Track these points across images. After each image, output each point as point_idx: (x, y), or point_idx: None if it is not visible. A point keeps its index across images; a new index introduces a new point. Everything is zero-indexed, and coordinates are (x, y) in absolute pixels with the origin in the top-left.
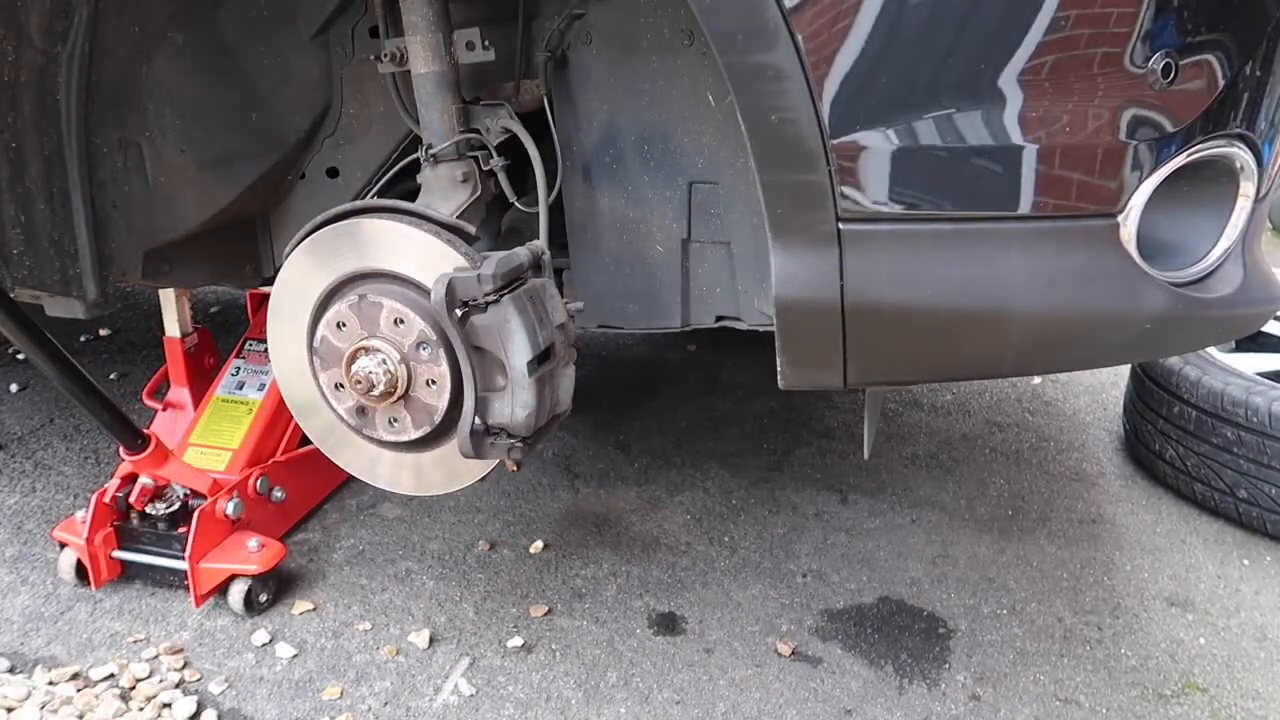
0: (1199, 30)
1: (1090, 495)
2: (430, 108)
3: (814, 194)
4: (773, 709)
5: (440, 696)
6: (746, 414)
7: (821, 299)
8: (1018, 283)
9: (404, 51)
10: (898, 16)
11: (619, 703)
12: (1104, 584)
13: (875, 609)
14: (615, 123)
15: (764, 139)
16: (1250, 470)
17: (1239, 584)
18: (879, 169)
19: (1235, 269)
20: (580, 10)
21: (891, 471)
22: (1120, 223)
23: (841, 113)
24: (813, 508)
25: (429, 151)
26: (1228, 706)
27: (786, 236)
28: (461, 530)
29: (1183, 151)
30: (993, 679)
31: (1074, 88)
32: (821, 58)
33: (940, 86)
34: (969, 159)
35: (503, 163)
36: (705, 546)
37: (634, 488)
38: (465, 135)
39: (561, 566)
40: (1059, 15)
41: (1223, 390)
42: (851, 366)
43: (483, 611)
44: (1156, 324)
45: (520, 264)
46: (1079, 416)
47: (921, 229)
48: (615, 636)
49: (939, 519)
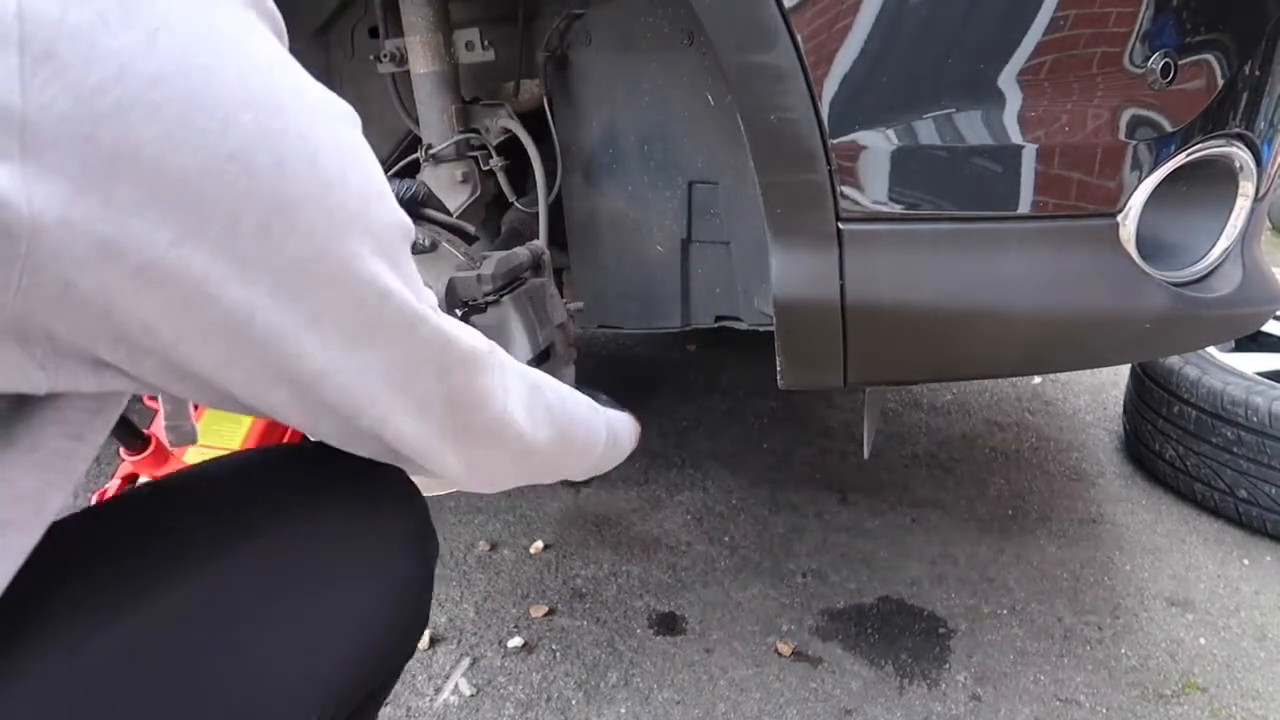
0: (1198, 30)
1: (1090, 495)
2: (430, 107)
3: (814, 194)
4: (773, 709)
5: (441, 696)
6: (746, 414)
7: (821, 299)
8: (1017, 283)
9: (404, 51)
10: (897, 16)
11: (619, 703)
12: (1104, 584)
13: (875, 609)
14: (615, 122)
15: (764, 139)
16: (1250, 470)
17: (1239, 584)
18: (879, 169)
19: (1235, 269)
20: (580, 10)
21: (891, 471)
22: (1120, 222)
23: (841, 112)
24: (813, 508)
25: (429, 151)
26: (1228, 706)
27: (786, 236)
28: (462, 530)
29: (1182, 151)
30: (993, 679)
31: (1073, 87)
32: (821, 57)
33: (940, 86)
34: (969, 159)
35: (502, 162)
36: (705, 546)
37: (634, 488)
38: (465, 135)
39: (562, 566)
40: (1058, 15)
41: (1222, 390)
42: (851, 366)
43: (483, 611)
44: (1156, 324)
45: (520, 264)
46: (1079, 416)
47: (921, 229)
48: (616, 636)
49: (939, 519)
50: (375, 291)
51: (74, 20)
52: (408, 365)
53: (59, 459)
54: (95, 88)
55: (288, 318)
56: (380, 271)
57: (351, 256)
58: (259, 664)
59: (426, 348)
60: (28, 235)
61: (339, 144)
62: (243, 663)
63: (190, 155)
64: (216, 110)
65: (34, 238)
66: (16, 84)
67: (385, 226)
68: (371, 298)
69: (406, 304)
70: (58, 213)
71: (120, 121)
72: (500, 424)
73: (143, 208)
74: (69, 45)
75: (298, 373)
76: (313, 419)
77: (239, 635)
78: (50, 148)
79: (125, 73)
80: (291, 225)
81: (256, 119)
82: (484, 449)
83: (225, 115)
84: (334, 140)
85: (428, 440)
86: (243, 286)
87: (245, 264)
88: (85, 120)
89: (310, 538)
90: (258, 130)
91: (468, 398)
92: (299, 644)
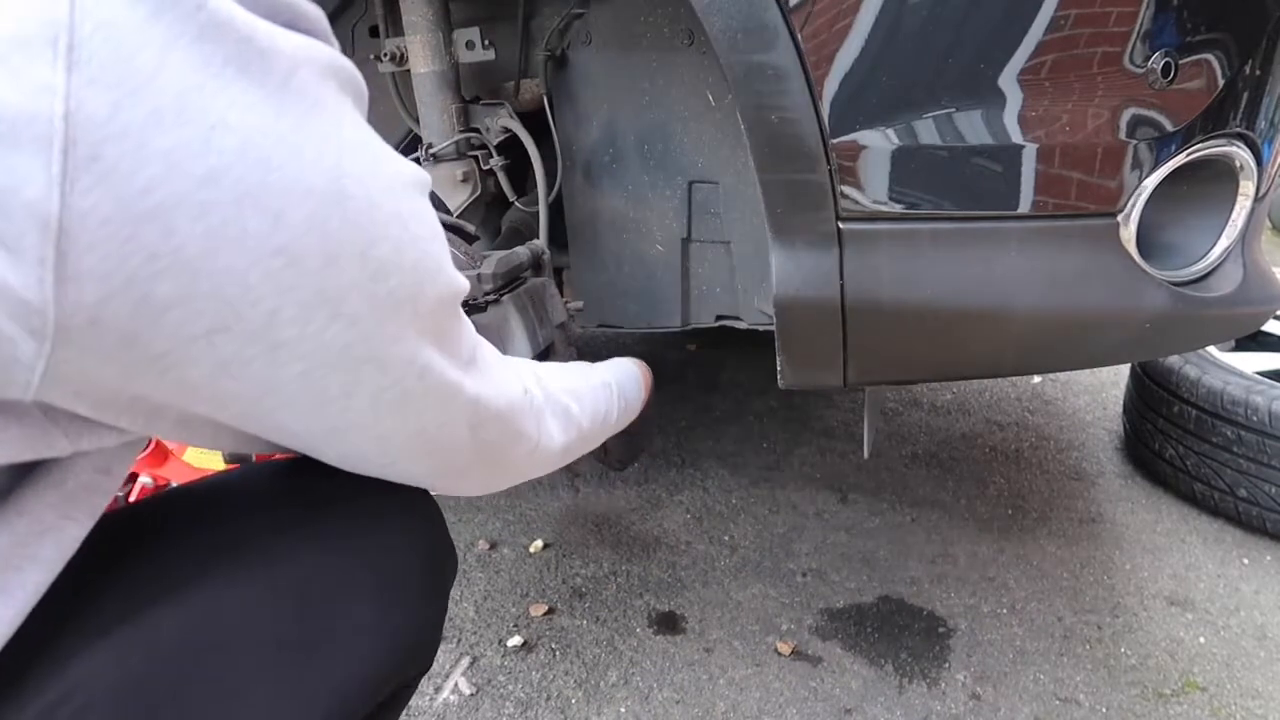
0: (1199, 29)
1: (1090, 494)
2: (430, 107)
3: (814, 193)
4: (773, 708)
5: (440, 695)
6: (746, 413)
7: (821, 298)
8: (1018, 282)
9: (404, 51)
10: (898, 16)
11: (619, 702)
12: (1104, 583)
13: (875, 608)
14: (615, 122)
15: (764, 138)
16: (1250, 469)
17: (1239, 583)
18: (879, 168)
19: (1235, 268)
20: (580, 10)
21: (891, 471)
22: (1120, 222)
23: (841, 112)
24: (813, 507)
25: (429, 151)
26: (1227, 705)
27: (786, 236)
28: (462, 530)
29: (1182, 151)
30: (993, 678)
31: (1074, 87)
32: (821, 57)
33: (940, 86)
34: (969, 158)
35: (502, 162)
36: (705, 546)
37: (634, 487)
38: (465, 134)
39: (562, 566)
40: (1058, 14)
41: (1222, 389)
42: (851, 366)
43: (483, 610)
44: (1156, 323)
45: (520, 263)
46: (1079, 416)
47: (921, 228)
48: (615, 635)
49: (939, 518)
50: (415, 370)
51: (125, 120)
52: (439, 426)
53: (85, 493)
54: (141, 189)
55: (317, 393)
56: (421, 349)
57: (394, 340)
58: (267, 680)
59: (460, 412)
60: (52, 336)
61: (401, 226)
62: (250, 676)
63: (235, 255)
64: (270, 206)
65: (58, 336)
66: (56, 191)
67: (437, 303)
68: (410, 376)
69: (444, 377)
70: (87, 315)
71: (164, 221)
72: (527, 460)
73: (179, 304)
74: (116, 146)
75: (318, 429)
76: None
77: (247, 649)
78: (87, 252)
79: (174, 172)
80: (334, 315)
81: (313, 212)
82: (505, 476)
83: (279, 210)
84: (396, 224)
85: (443, 478)
86: (270, 367)
87: (278, 348)
88: (127, 222)
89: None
90: (310, 225)
91: (498, 449)
92: (307, 659)
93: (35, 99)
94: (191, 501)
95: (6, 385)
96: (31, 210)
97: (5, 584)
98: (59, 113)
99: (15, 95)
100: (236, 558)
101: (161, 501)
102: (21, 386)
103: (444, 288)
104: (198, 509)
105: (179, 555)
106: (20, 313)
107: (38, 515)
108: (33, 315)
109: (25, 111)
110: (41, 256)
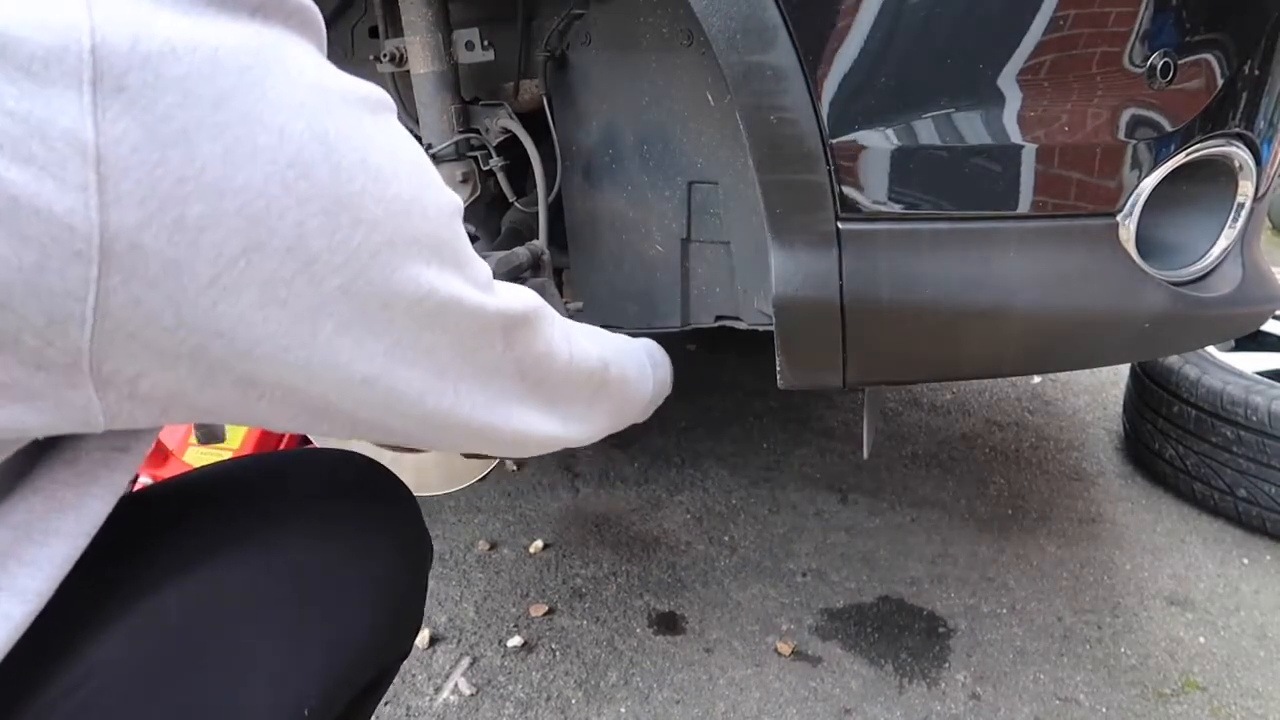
0: (1198, 29)
1: (1090, 494)
2: (429, 108)
3: (813, 194)
4: (773, 708)
5: (440, 695)
6: (746, 414)
7: (821, 298)
8: (1017, 282)
9: (403, 51)
10: (897, 16)
11: (619, 702)
12: (1103, 583)
13: (875, 608)
14: (615, 122)
15: (763, 139)
16: (1250, 469)
17: (1239, 583)
18: (878, 168)
19: (1234, 268)
20: (580, 10)
21: (891, 471)
22: (1119, 222)
23: (841, 112)
24: (813, 507)
25: (428, 151)
26: (1227, 705)
27: (786, 236)
28: (461, 530)
29: (1182, 151)
30: (992, 678)
31: (1073, 87)
32: (821, 57)
33: (939, 86)
34: (968, 158)
35: (502, 163)
36: (705, 546)
37: (634, 488)
38: (465, 135)
39: (561, 566)
40: (1058, 14)
41: (1222, 389)
42: (851, 366)
43: (483, 611)
44: (1156, 323)
45: (520, 264)
46: (1078, 416)
47: (921, 228)
48: (615, 636)
49: (939, 518)
50: (441, 278)
51: (144, 52)
52: (475, 336)
53: (102, 470)
54: (162, 115)
55: (359, 309)
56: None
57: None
58: (250, 660)
59: (492, 321)
60: (98, 261)
61: (386, 136)
62: (233, 659)
63: (252, 171)
64: (273, 122)
65: (104, 262)
66: (90, 119)
67: (438, 211)
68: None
69: (464, 289)
70: (129, 240)
71: (186, 145)
72: (569, 373)
73: (212, 225)
74: (138, 76)
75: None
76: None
77: (229, 632)
78: (123, 178)
79: (189, 98)
80: (356, 220)
81: (309, 126)
82: (559, 403)
83: (281, 125)
84: (380, 133)
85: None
86: (311, 284)
87: (314, 261)
88: (155, 147)
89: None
90: (311, 135)
91: (539, 366)
92: (289, 642)
93: (65, 35)
94: (187, 494)
95: (64, 322)
96: (71, 138)
97: (33, 557)
98: (87, 47)
99: (46, 35)
100: (234, 545)
101: (162, 494)
102: (78, 322)
103: (439, 195)
104: (195, 501)
105: (183, 543)
106: (66, 238)
107: (51, 492)
108: (78, 240)
109: (56, 47)
110: (84, 182)
